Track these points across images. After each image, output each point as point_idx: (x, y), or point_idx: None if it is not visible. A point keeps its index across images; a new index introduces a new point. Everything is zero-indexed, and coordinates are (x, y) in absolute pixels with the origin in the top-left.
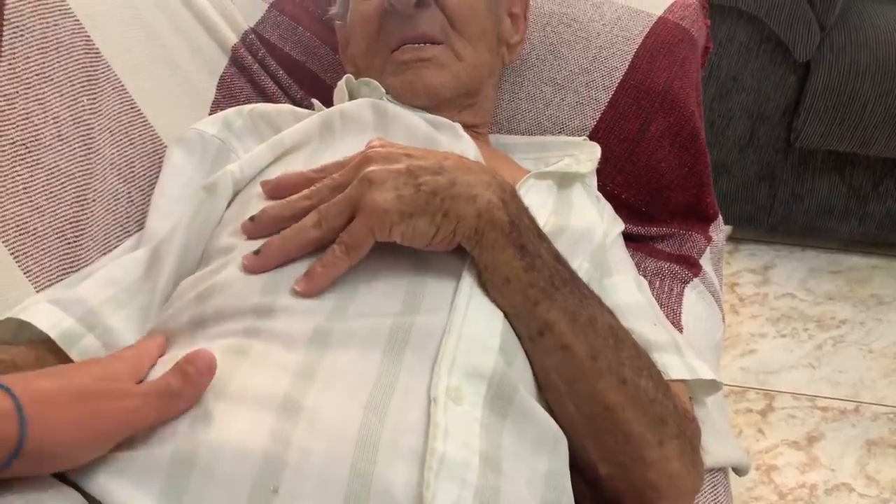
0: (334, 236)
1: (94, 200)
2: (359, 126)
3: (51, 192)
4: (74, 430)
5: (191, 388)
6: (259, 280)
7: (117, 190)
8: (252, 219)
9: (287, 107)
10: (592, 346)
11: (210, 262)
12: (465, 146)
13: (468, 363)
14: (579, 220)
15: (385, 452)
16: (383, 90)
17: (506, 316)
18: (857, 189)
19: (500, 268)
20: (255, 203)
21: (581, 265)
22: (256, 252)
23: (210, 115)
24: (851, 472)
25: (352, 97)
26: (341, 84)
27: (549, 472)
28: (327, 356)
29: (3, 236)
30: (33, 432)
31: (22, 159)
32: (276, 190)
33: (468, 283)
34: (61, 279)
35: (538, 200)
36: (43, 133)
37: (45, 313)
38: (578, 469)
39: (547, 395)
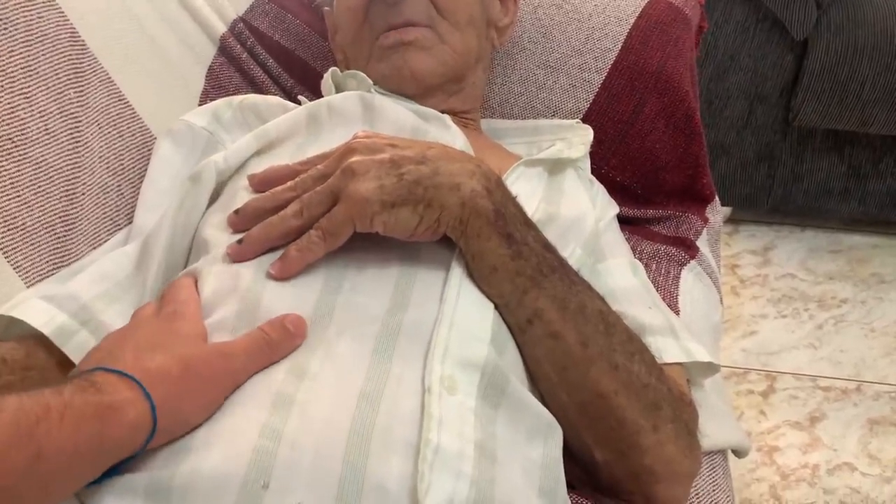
0: None
1: (83, 194)
2: (346, 119)
3: (39, 187)
4: (191, 399)
5: (288, 342)
6: (245, 274)
7: (106, 183)
8: (237, 212)
9: (277, 99)
10: (583, 333)
11: (198, 256)
12: (453, 137)
13: (460, 353)
14: (570, 208)
15: (378, 443)
16: (371, 82)
17: (496, 307)
18: (856, 168)
19: (487, 257)
20: (242, 196)
21: (574, 252)
22: (240, 241)
23: (199, 105)
24: (854, 452)
25: (338, 90)
26: (327, 77)
27: (544, 459)
28: (319, 350)
29: None
30: (160, 413)
31: (8, 154)
32: (262, 183)
33: (457, 273)
34: (51, 274)
35: (527, 189)
36: (29, 127)
37: (37, 310)
38: (575, 456)
39: (539, 384)
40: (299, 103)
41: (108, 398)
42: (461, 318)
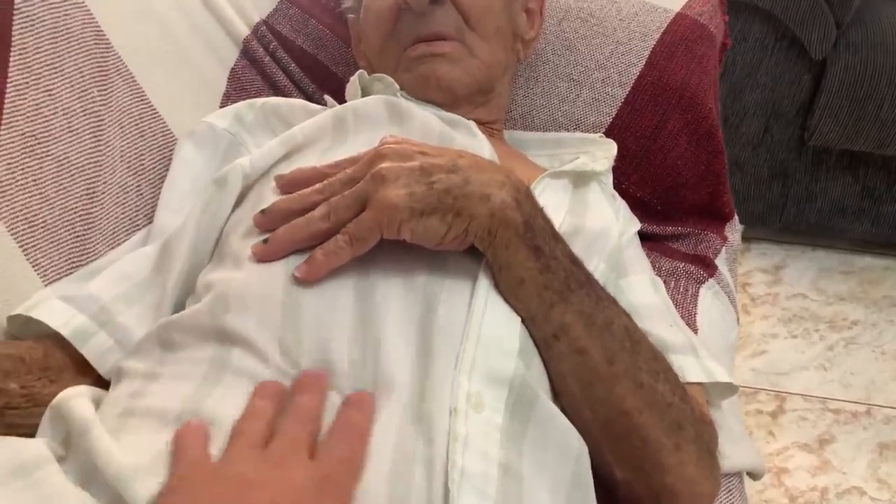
0: None
1: (103, 193)
2: (372, 123)
3: (60, 185)
4: None
5: None
6: (276, 293)
7: (127, 183)
8: (263, 212)
9: (299, 102)
10: (609, 350)
11: (224, 261)
12: (479, 144)
13: (487, 367)
14: (595, 221)
15: (419, 465)
16: (397, 86)
17: (522, 321)
18: (870, 189)
19: (515, 269)
20: (269, 199)
21: (598, 266)
22: (265, 241)
23: (221, 107)
24: (863, 476)
25: (365, 93)
26: (354, 79)
27: (573, 479)
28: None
29: (13, 228)
30: None
31: (32, 151)
32: (289, 185)
33: (485, 285)
34: (70, 272)
35: (554, 200)
36: (53, 124)
37: (56, 311)
38: (595, 473)
39: (562, 400)
40: (324, 104)
41: None
42: (488, 330)
